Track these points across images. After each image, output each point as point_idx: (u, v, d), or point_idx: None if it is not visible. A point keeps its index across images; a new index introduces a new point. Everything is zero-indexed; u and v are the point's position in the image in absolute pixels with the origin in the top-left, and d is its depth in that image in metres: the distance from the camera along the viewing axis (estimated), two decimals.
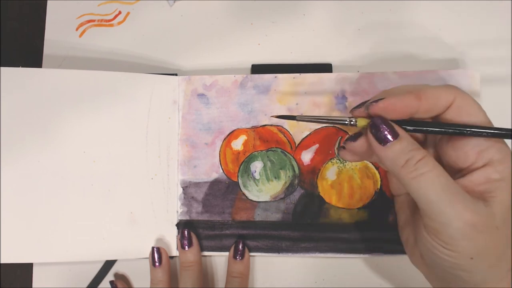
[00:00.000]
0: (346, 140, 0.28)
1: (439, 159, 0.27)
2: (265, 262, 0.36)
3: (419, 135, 0.28)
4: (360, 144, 0.27)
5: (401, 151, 0.24)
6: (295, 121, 0.33)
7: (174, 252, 0.35)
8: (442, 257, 0.24)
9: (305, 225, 0.35)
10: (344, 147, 0.29)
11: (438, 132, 0.25)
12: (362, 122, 0.26)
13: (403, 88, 0.26)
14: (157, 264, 0.34)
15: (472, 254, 0.23)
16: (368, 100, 0.26)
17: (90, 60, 0.38)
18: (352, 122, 0.26)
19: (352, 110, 0.27)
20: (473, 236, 0.23)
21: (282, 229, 0.35)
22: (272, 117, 0.35)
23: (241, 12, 0.38)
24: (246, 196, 0.35)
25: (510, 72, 0.37)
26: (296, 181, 0.35)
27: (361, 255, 0.34)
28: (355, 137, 0.27)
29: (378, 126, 0.25)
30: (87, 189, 0.35)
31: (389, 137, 0.25)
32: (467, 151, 0.25)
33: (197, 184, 0.35)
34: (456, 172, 0.26)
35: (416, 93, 0.25)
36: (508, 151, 0.25)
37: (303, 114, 0.35)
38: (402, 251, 0.31)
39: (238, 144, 0.35)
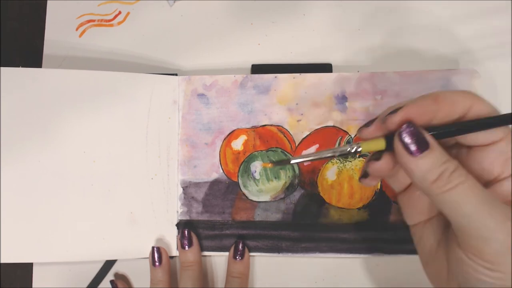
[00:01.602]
0: (368, 162, 0.24)
1: None
2: (265, 262, 0.36)
3: None
4: (385, 162, 0.23)
5: (434, 163, 0.22)
6: (297, 122, 0.32)
7: (174, 252, 0.35)
8: (488, 281, 0.21)
9: (305, 225, 0.35)
10: (367, 174, 0.25)
11: (465, 132, 0.23)
12: (367, 147, 0.24)
13: (414, 98, 0.24)
14: (157, 264, 0.34)
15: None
16: (376, 118, 0.24)
17: (90, 60, 0.38)
18: (355, 150, 0.23)
19: (360, 130, 0.25)
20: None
21: (282, 229, 0.35)
22: (271, 118, 0.35)
23: (241, 12, 0.38)
24: (246, 196, 0.35)
25: (510, 72, 0.37)
26: (296, 181, 0.35)
27: (361, 255, 0.34)
28: (378, 156, 0.24)
29: (410, 133, 0.22)
30: (87, 189, 0.35)
31: (421, 146, 0.22)
32: (492, 161, 0.23)
33: (197, 184, 0.35)
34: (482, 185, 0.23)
35: (433, 97, 0.23)
36: None
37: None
38: (402, 251, 0.31)
39: (238, 144, 0.35)
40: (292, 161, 0.25)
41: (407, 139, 0.22)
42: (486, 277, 0.21)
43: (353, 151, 0.23)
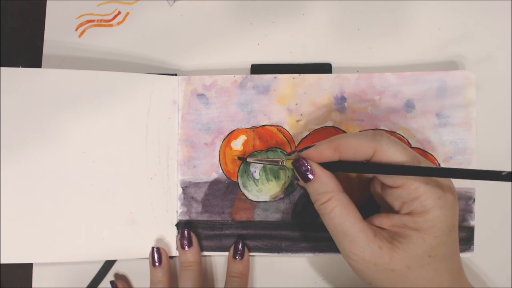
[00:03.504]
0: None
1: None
2: (265, 262, 0.36)
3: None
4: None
5: (312, 192, 0.29)
6: (296, 123, 0.33)
7: (174, 252, 0.35)
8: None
9: (305, 225, 0.35)
10: (297, 178, 0.31)
11: (355, 172, 0.29)
12: (289, 164, 0.30)
13: (323, 141, 0.29)
14: (157, 264, 0.34)
15: (369, 281, 0.28)
16: (303, 148, 0.30)
17: (89, 60, 0.38)
18: (282, 164, 0.31)
19: (287, 154, 0.32)
20: (363, 269, 0.27)
21: (282, 229, 0.35)
22: (271, 118, 0.35)
23: (241, 12, 0.38)
24: (246, 196, 0.35)
25: (509, 73, 0.37)
26: (296, 181, 0.35)
27: None
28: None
29: (296, 167, 0.29)
30: (86, 189, 0.35)
31: (304, 178, 0.29)
32: (392, 200, 0.28)
33: (196, 184, 0.35)
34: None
35: (335, 145, 0.28)
36: (434, 206, 0.26)
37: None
38: None
39: (237, 144, 0.36)
40: (248, 159, 0.34)
41: (297, 171, 0.29)
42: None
43: (282, 164, 0.31)
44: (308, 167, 0.28)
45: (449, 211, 0.26)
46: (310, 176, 0.28)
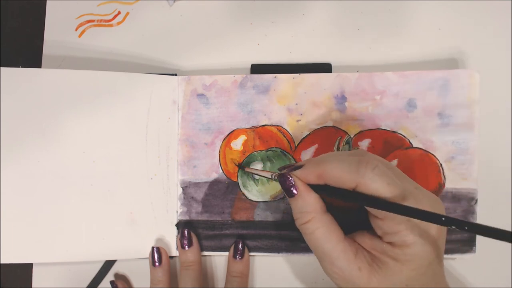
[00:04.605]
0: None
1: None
2: (265, 262, 0.36)
3: None
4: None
5: (294, 209, 0.29)
6: (297, 122, 0.33)
7: (174, 252, 0.35)
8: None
9: None
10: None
11: (337, 198, 0.27)
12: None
13: (311, 163, 0.28)
14: (157, 264, 0.34)
15: None
16: (293, 165, 0.30)
17: (89, 60, 0.38)
18: (274, 178, 0.30)
19: (279, 168, 0.31)
20: (343, 286, 0.27)
21: (282, 229, 0.35)
22: (271, 118, 0.35)
23: (241, 12, 0.38)
24: (246, 196, 0.35)
25: (510, 72, 0.37)
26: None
27: None
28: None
29: (281, 181, 0.29)
30: (86, 189, 0.35)
31: (291, 192, 0.28)
32: (376, 227, 0.27)
33: (196, 184, 0.35)
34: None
35: (319, 173, 0.27)
36: (415, 242, 0.25)
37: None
38: None
39: (237, 144, 0.36)
40: (246, 169, 0.35)
41: (281, 185, 0.29)
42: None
43: (274, 178, 0.30)
44: (292, 182, 0.28)
45: (430, 247, 0.26)
46: (294, 191, 0.28)
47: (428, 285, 0.26)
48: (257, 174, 0.34)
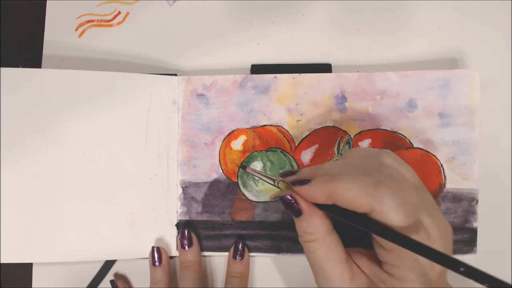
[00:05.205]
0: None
1: None
2: (265, 262, 0.36)
3: None
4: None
5: (297, 227, 0.27)
6: (297, 122, 0.33)
7: (174, 252, 0.35)
8: None
9: None
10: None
11: (345, 220, 0.26)
12: (283, 186, 0.29)
13: (320, 179, 0.26)
14: (157, 264, 0.34)
15: None
16: (297, 171, 0.28)
17: (89, 61, 0.38)
18: (277, 185, 0.29)
19: (281, 174, 0.29)
20: None
21: (282, 229, 0.35)
22: (271, 118, 0.35)
23: (241, 12, 0.38)
24: (246, 196, 0.35)
25: (510, 72, 0.37)
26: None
27: None
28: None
29: (284, 202, 0.27)
30: (86, 189, 0.35)
31: (295, 214, 0.27)
32: (379, 254, 0.26)
33: (196, 184, 0.35)
34: None
35: (329, 193, 0.25)
36: (415, 281, 0.24)
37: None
38: None
39: (237, 144, 0.35)
40: (247, 170, 0.33)
41: (284, 205, 0.27)
42: None
43: (277, 184, 0.29)
44: (296, 205, 0.26)
45: (429, 286, 0.25)
46: (298, 212, 0.27)
47: None
48: (259, 178, 0.33)
